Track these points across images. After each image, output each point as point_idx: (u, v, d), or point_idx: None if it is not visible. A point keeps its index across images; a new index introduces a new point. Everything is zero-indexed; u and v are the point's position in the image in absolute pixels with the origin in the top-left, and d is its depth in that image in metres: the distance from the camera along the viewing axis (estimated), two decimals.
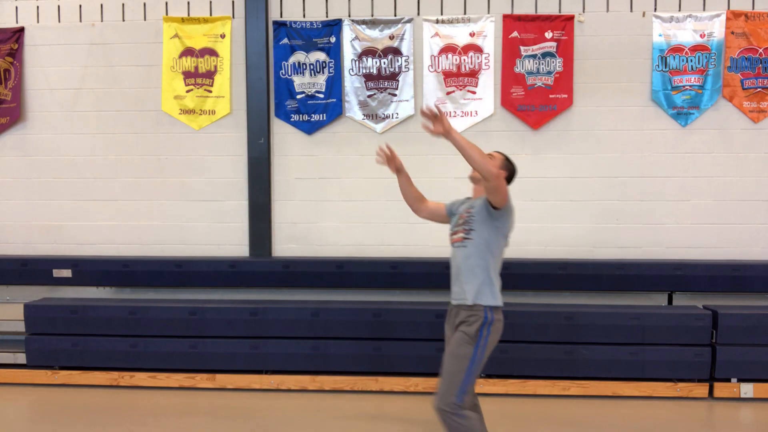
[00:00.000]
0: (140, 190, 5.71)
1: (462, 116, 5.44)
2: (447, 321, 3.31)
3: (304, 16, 5.52)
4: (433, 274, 5.22)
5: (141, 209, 5.71)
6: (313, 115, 5.54)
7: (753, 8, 5.29)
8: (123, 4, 5.63)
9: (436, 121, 2.96)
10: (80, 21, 5.66)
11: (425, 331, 4.86)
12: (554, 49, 5.34)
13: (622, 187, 5.42)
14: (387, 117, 5.50)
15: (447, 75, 5.44)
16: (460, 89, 5.43)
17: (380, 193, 5.53)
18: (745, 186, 5.38)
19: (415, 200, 3.51)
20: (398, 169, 3.46)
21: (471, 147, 2.91)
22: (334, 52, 5.48)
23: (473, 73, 5.42)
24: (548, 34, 5.34)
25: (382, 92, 5.49)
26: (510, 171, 3.33)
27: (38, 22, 5.68)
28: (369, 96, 5.49)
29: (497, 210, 3.11)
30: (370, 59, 5.47)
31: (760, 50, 5.28)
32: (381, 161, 3.46)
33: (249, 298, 5.44)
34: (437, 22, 5.42)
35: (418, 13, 5.45)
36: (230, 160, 5.63)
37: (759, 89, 5.30)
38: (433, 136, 3.03)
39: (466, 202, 3.37)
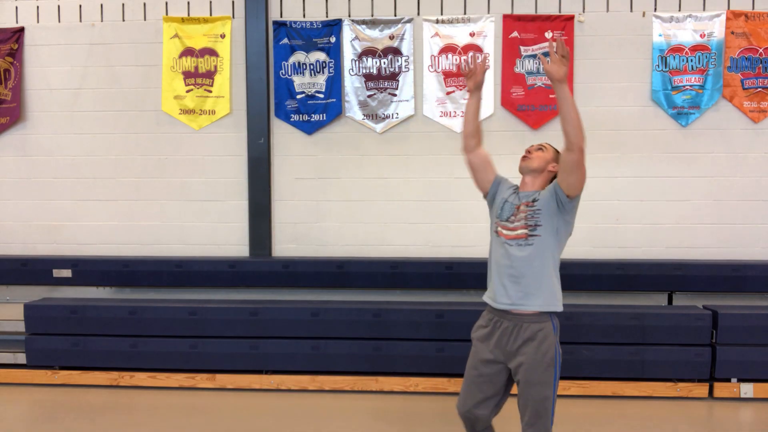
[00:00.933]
0: (140, 190, 5.71)
1: (462, 116, 5.43)
2: (486, 326, 2.91)
3: (304, 16, 5.52)
4: (433, 274, 5.22)
5: (141, 209, 5.71)
6: (313, 115, 5.54)
7: (753, 8, 5.29)
8: (123, 4, 5.63)
9: (560, 62, 2.64)
10: (80, 21, 5.66)
11: (425, 331, 4.85)
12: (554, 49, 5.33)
13: (622, 187, 5.42)
14: (387, 117, 5.50)
15: (447, 75, 5.44)
16: (460, 89, 5.43)
17: (380, 193, 5.53)
18: (745, 186, 5.38)
19: (474, 133, 3.06)
20: (477, 87, 3.03)
21: (575, 106, 2.63)
22: (334, 52, 5.48)
23: None
24: (548, 34, 5.34)
25: (382, 92, 5.49)
26: None
27: (38, 22, 5.68)
28: (369, 96, 5.49)
29: (570, 200, 2.77)
30: (370, 59, 5.47)
31: (761, 50, 5.28)
32: (465, 70, 3.05)
33: (249, 298, 5.44)
34: (437, 22, 5.42)
35: (418, 13, 5.45)
36: (230, 160, 5.63)
37: (759, 89, 5.30)
38: (547, 78, 2.79)
39: (517, 193, 2.95)
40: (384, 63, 5.46)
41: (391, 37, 5.46)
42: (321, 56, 5.49)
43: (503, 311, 2.85)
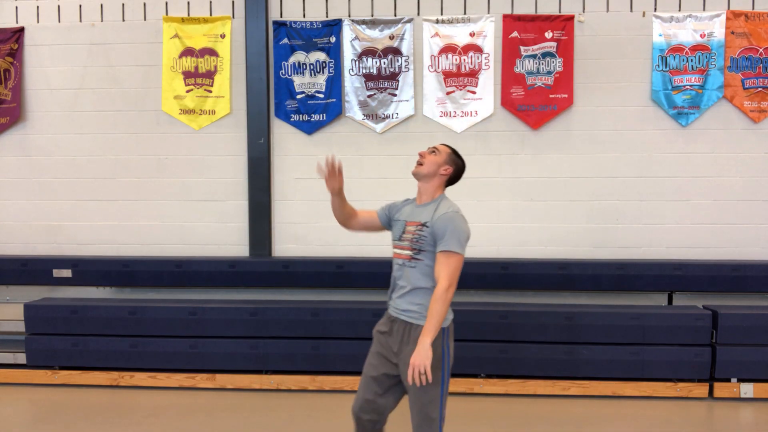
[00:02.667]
0: (140, 190, 5.71)
1: (462, 116, 5.44)
2: (383, 332, 2.99)
3: (304, 16, 5.52)
4: None
5: (141, 209, 5.71)
6: (313, 115, 5.53)
7: (753, 8, 5.29)
8: (123, 4, 5.63)
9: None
10: (80, 21, 5.66)
11: None
12: (554, 49, 5.34)
13: (622, 187, 5.42)
14: (387, 117, 5.49)
15: (447, 75, 5.44)
16: (460, 89, 5.43)
17: (380, 193, 5.52)
18: (745, 186, 5.38)
19: (347, 218, 3.17)
20: (338, 191, 3.06)
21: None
22: (334, 52, 5.47)
23: (473, 73, 5.42)
24: (548, 34, 5.34)
25: (382, 92, 5.48)
26: (457, 168, 3.03)
27: (38, 22, 5.68)
28: (369, 96, 5.49)
29: None
30: (370, 59, 5.47)
31: (761, 50, 5.28)
32: (321, 174, 3.02)
33: (249, 298, 5.44)
34: (437, 22, 5.41)
35: (418, 13, 5.45)
36: (230, 160, 5.63)
37: (759, 89, 5.30)
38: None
39: (413, 210, 2.97)
40: (384, 63, 5.46)
41: (391, 37, 5.46)
42: (321, 56, 5.49)
43: (397, 319, 2.98)
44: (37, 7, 5.68)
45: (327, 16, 5.50)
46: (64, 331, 5.09)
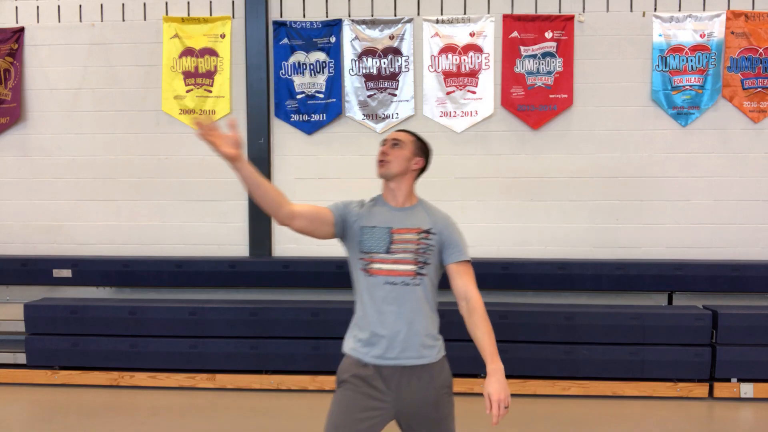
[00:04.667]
0: (140, 190, 5.70)
1: (462, 116, 5.44)
2: (372, 386, 2.31)
3: (304, 16, 5.52)
4: None
5: (141, 209, 5.71)
6: (313, 115, 5.53)
7: (753, 8, 5.29)
8: (123, 4, 5.63)
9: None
10: (80, 21, 5.65)
11: None
12: (554, 49, 5.34)
13: (622, 187, 5.42)
14: (387, 117, 5.49)
15: (447, 75, 5.44)
16: (460, 89, 5.43)
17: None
18: (745, 186, 5.38)
19: (279, 206, 2.26)
20: (237, 156, 2.16)
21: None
22: (334, 52, 5.47)
23: (473, 73, 5.42)
24: (548, 34, 5.34)
25: (382, 92, 5.48)
26: (427, 157, 2.49)
27: (38, 22, 5.68)
28: (369, 96, 5.49)
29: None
30: (370, 59, 5.47)
31: (760, 50, 5.28)
32: (199, 135, 2.19)
33: (249, 298, 5.44)
34: (437, 22, 5.41)
35: (418, 13, 5.45)
36: None
37: (759, 89, 5.30)
38: None
39: (394, 214, 2.39)
40: (384, 63, 5.46)
41: (391, 37, 5.46)
42: (321, 56, 5.49)
43: (394, 367, 2.35)
44: (37, 7, 5.68)
45: (327, 16, 5.50)
46: (64, 331, 5.09)
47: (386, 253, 2.35)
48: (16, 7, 5.70)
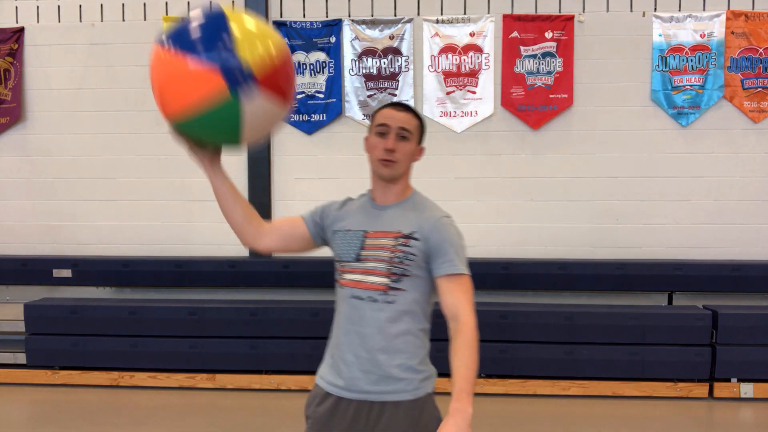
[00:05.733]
0: (140, 190, 5.70)
1: (462, 116, 5.44)
2: (335, 425, 1.95)
3: (304, 16, 5.52)
4: None
5: (141, 209, 5.71)
6: (313, 115, 5.53)
7: (753, 8, 5.29)
8: (123, 4, 5.63)
9: None
10: (80, 21, 5.65)
11: None
12: (554, 49, 5.34)
13: (622, 187, 5.42)
14: None
15: (447, 75, 5.44)
16: (460, 89, 5.43)
17: None
18: (745, 186, 5.37)
19: (246, 223, 2.05)
20: (212, 162, 2.01)
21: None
22: (334, 52, 5.48)
23: (473, 73, 5.42)
24: (548, 34, 5.34)
25: (382, 92, 5.48)
26: (423, 138, 2.12)
27: (38, 22, 5.68)
28: (369, 96, 5.49)
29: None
30: (370, 59, 5.47)
31: (761, 50, 5.28)
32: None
33: (249, 298, 5.44)
34: (437, 22, 5.41)
35: (418, 13, 5.45)
36: (230, 160, 5.56)
37: (759, 89, 5.30)
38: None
39: (371, 213, 2.02)
40: (384, 63, 5.46)
41: (391, 37, 5.46)
42: (321, 56, 5.49)
43: (358, 402, 1.97)
44: (37, 7, 5.68)
45: (327, 16, 5.50)
46: (64, 331, 5.09)
47: (356, 261, 1.94)
48: (16, 7, 5.70)
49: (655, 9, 5.33)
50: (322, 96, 5.50)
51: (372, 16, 5.47)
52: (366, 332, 1.90)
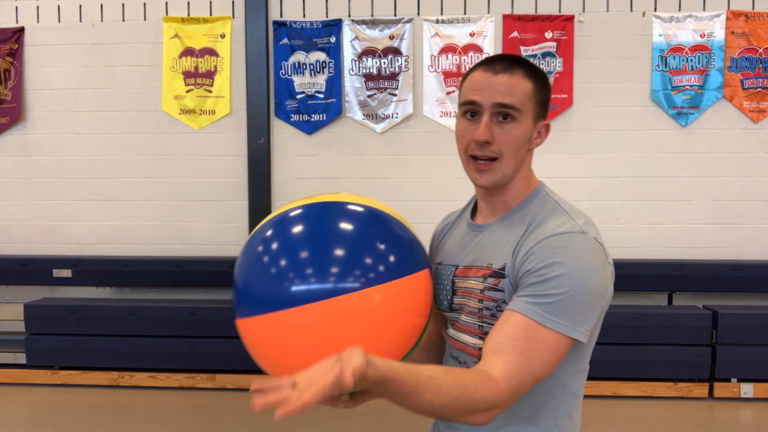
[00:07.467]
0: (140, 190, 5.70)
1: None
2: None
3: (304, 16, 5.52)
4: None
5: (141, 209, 5.71)
6: (313, 115, 5.54)
7: (753, 8, 5.29)
8: (123, 4, 5.63)
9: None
10: (80, 21, 5.65)
11: None
12: (554, 49, 5.34)
13: (622, 187, 5.42)
14: (387, 117, 5.50)
15: (447, 75, 5.44)
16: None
17: (380, 194, 5.52)
18: (745, 186, 5.37)
19: (434, 350, 1.58)
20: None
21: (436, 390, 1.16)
22: (334, 52, 5.48)
23: None
24: (548, 34, 5.34)
25: (382, 92, 5.49)
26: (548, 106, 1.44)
27: (38, 22, 5.68)
28: (369, 96, 5.49)
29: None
30: (370, 59, 5.47)
31: (760, 50, 5.28)
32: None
33: None
34: (437, 22, 5.42)
35: (418, 13, 5.45)
36: (230, 160, 5.63)
37: (759, 89, 5.30)
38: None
39: (464, 236, 1.51)
40: (384, 63, 5.46)
41: (391, 37, 5.46)
42: (321, 56, 5.49)
43: None
44: (37, 7, 5.68)
45: (327, 16, 5.50)
46: (64, 331, 5.09)
47: (450, 311, 1.42)
48: (16, 7, 5.70)
49: (655, 9, 5.33)
50: (322, 96, 5.51)
51: (372, 16, 5.47)
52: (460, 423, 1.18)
